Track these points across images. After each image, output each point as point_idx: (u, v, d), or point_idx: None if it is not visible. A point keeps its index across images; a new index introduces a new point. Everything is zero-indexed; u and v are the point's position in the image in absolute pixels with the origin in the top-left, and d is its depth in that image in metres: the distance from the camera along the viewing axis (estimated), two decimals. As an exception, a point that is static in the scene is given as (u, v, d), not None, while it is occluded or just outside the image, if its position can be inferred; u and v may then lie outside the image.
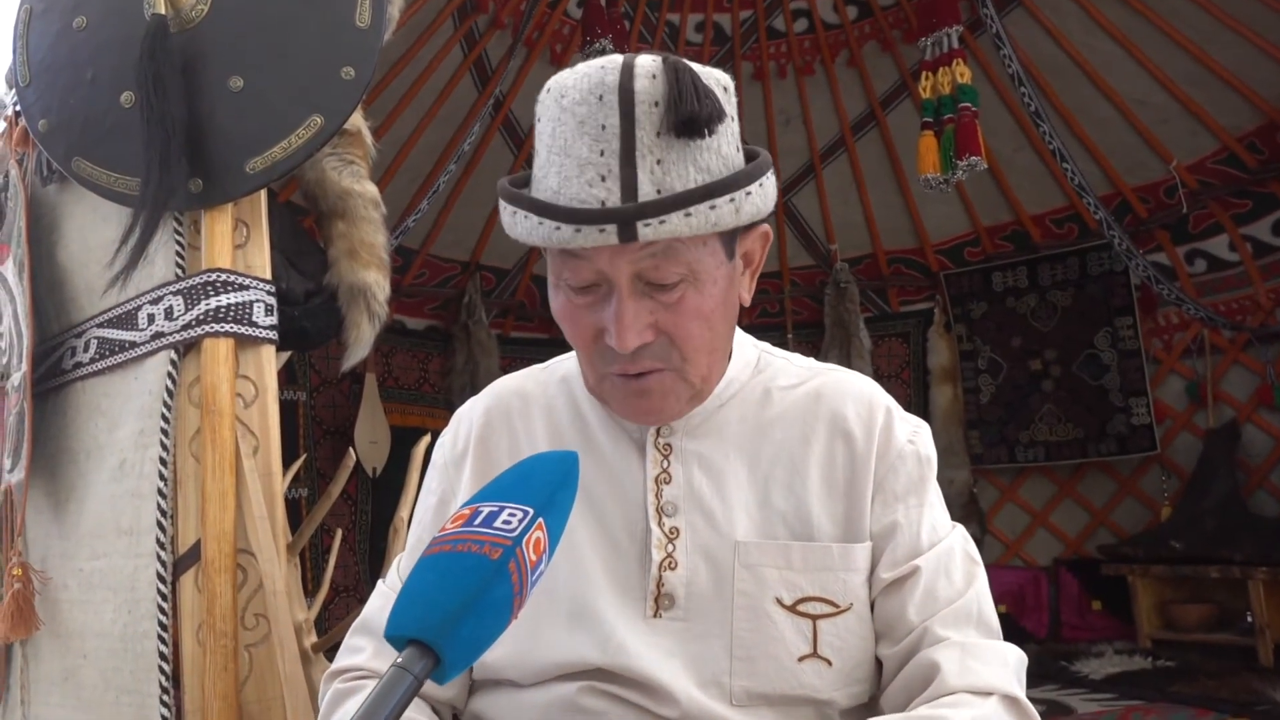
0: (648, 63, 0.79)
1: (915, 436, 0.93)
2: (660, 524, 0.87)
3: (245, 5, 1.67)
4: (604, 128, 0.78)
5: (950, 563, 0.88)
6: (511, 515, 0.63)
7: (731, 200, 0.78)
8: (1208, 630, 4.02)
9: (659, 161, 0.77)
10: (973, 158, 3.37)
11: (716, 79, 0.82)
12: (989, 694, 0.79)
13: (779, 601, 0.84)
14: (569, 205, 0.79)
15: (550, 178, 0.80)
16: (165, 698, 1.54)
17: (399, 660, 0.58)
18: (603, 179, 0.77)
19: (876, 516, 0.88)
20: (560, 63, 4.52)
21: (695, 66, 0.82)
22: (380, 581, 1.01)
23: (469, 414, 1.00)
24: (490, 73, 4.39)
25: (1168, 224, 4.39)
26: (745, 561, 0.85)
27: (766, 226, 0.88)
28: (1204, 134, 4.20)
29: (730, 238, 0.83)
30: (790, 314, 5.16)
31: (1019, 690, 0.81)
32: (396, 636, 0.59)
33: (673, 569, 0.86)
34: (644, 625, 0.85)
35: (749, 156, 0.84)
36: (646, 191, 0.77)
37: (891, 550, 0.88)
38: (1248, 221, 4.25)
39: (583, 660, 0.85)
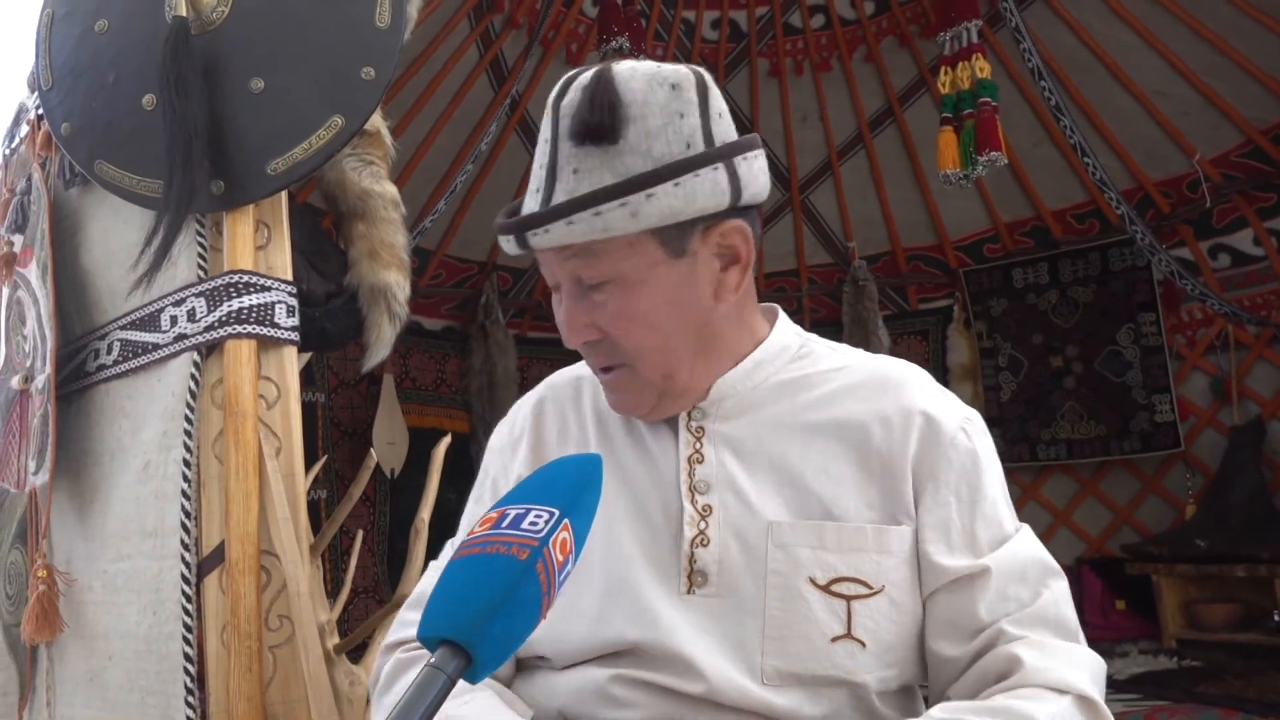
0: (587, 75, 0.85)
1: (967, 425, 0.92)
2: (693, 502, 0.89)
3: (265, 7, 1.67)
4: (546, 141, 0.86)
5: (1024, 566, 0.86)
6: (538, 517, 0.64)
7: (623, 204, 0.81)
8: (1234, 629, 3.97)
9: (575, 170, 0.83)
10: (993, 153, 3.33)
11: (664, 78, 0.85)
12: (1065, 692, 0.79)
13: (812, 581, 0.85)
14: (501, 220, 0.87)
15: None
16: (190, 699, 1.54)
17: (432, 660, 0.59)
18: (538, 190, 0.85)
19: (927, 506, 0.88)
20: (576, 62, 4.51)
21: (647, 66, 0.86)
22: (432, 562, 1.06)
23: (526, 402, 1.07)
24: (506, 72, 4.39)
25: (1190, 218, 4.33)
26: (778, 541, 0.86)
27: (739, 222, 0.88)
28: (1227, 126, 4.14)
29: (674, 236, 0.85)
30: (808, 312, 5.13)
31: (1095, 692, 0.80)
32: (429, 637, 0.61)
33: (705, 545, 0.88)
34: (678, 601, 0.87)
35: (697, 155, 0.84)
36: (558, 199, 0.83)
37: (947, 540, 0.87)
38: (1273, 215, 4.18)
39: (618, 636, 0.87)
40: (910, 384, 0.92)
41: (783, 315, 1.00)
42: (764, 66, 4.74)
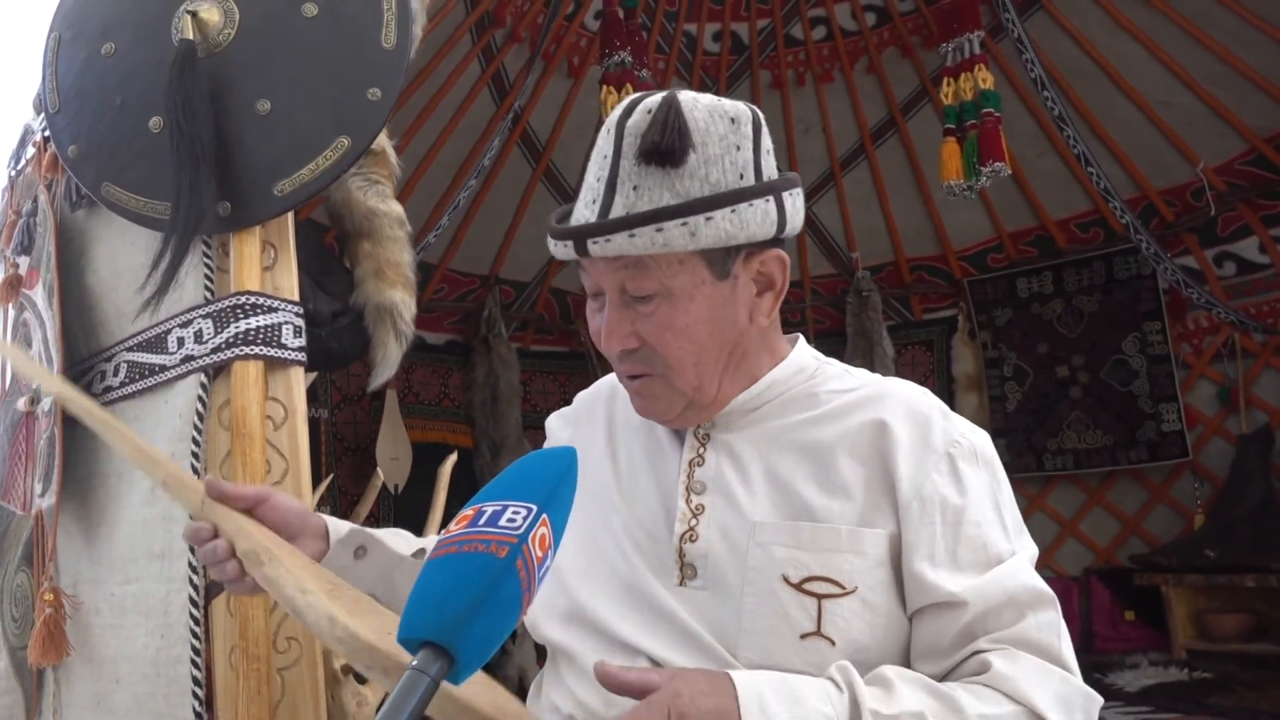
0: (653, 100, 0.90)
1: (955, 448, 0.92)
2: (688, 501, 0.95)
3: (271, 28, 1.67)
4: (605, 157, 0.90)
5: (1010, 593, 0.86)
6: (515, 513, 0.65)
7: (684, 224, 0.86)
8: (1245, 640, 3.94)
9: (635, 187, 0.88)
10: (996, 164, 3.33)
11: (724, 111, 0.90)
12: (1018, 704, 0.80)
13: (785, 579, 0.88)
14: (558, 226, 0.92)
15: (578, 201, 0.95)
16: (198, 722, 1.53)
17: (414, 663, 0.59)
18: (594, 201, 0.90)
19: (914, 526, 0.89)
20: (578, 76, 4.52)
21: (708, 99, 0.91)
22: None
23: (562, 415, 1.16)
24: (508, 86, 4.40)
25: (1195, 227, 4.33)
26: (759, 540, 0.90)
27: (778, 251, 0.94)
28: (1231, 135, 4.14)
29: (720, 259, 0.90)
30: (812, 323, 5.13)
31: (1054, 715, 0.81)
32: (410, 639, 0.60)
33: (693, 541, 0.93)
34: (674, 592, 0.93)
35: (754, 185, 0.90)
36: (616, 212, 0.87)
37: (931, 559, 0.88)
38: (1278, 223, 4.19)
39: (615, 626, 0.93)
40: (910, 402, 0.95)
41: (803, 341, 1.04)
42: (766, 78, 4.75)
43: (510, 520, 0.64)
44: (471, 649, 0.60)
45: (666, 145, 0.86)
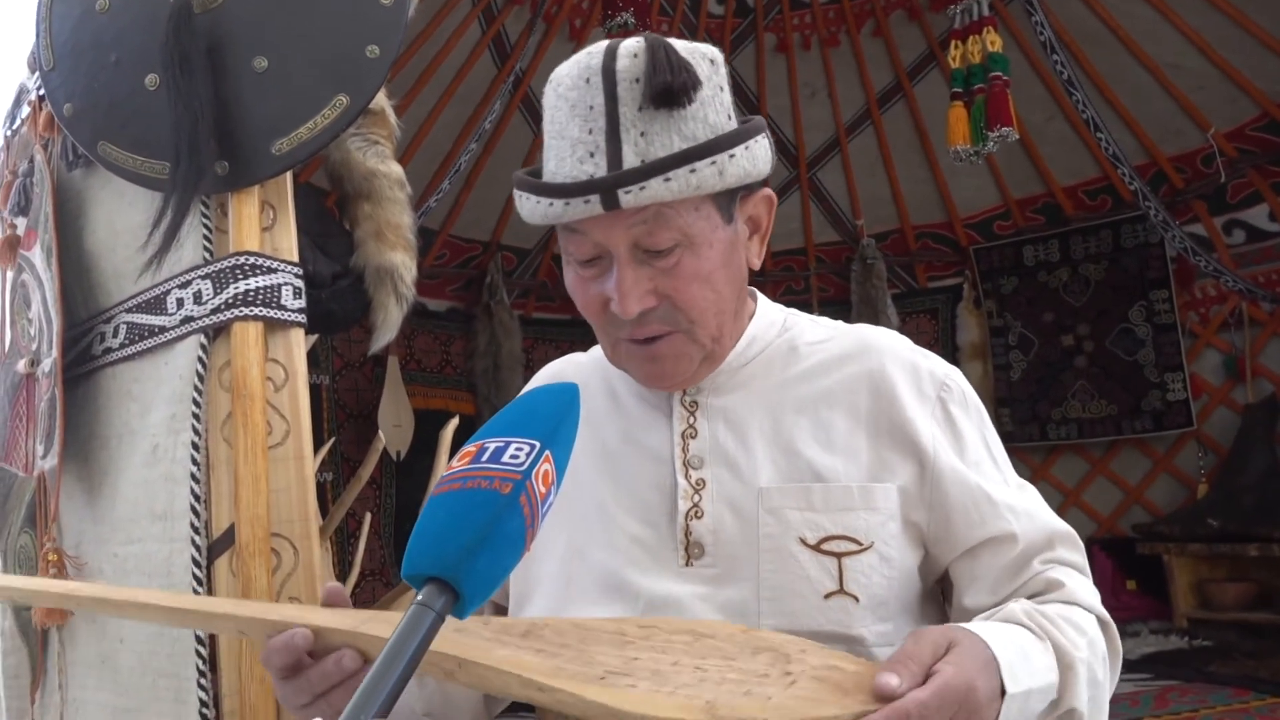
0: (631, 44, 0.86)
1: (957, 379, 0.96)
2: (687, 476, 0.92)
3: (268, -17, 1.64)
4: (591, 108, 0.85)
5: (1041, 520, 0.93)
6: (519, 449, 0.64)
7: (713, 163, 0.83)
8: (1246, 609, 3.96)
9: (642, 134, 0.84)
10: (1004, 129, 3.29)
11: (703, 53, 0.89)
12: (1090, 613, 0.88)
13: (803, 541, 0.88)
14: (562, 182, 0.86)
15: (551, 161, 0.88)
16: (203, 680, 1.54)
17: (419, 598, 0.59)
18: (591, 155, 0.85)
19: (947, 461, 0.91)
20: (579, 38, 4.46)
21: (681, 42, 0.88)
22: None
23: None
24: (509, 49, 4.34)
25: (1205, 194, 4.29)
26: (768, 506, 0.89)
27: (768, 190, 0.94)
28: (1243, 100, 4.09)
29: (726, 202, 0.89)
30: (816, 291, 5.11)
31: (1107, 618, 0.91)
32: (414, 575, 0.60)
33: (699, 518, 0.91)
34: (678, 575, 0.90)
35: (742, 124, 0.88)
36: (630, 162, 0.83)
37: (962, 496, 0.91)
38: (1288, 190, 4.15)
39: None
40: (896, 349, 0.96)
41: (758, 292, 1.04)
42: (771, 42, 4.69)
43: (513, 457, 0.63)
44: (475, 584, 0.60)
45: (679, 84, 0.83)
